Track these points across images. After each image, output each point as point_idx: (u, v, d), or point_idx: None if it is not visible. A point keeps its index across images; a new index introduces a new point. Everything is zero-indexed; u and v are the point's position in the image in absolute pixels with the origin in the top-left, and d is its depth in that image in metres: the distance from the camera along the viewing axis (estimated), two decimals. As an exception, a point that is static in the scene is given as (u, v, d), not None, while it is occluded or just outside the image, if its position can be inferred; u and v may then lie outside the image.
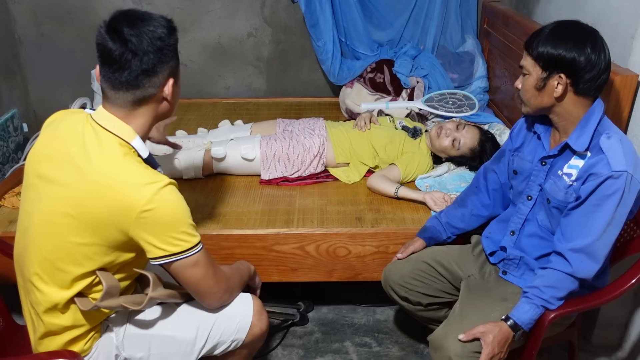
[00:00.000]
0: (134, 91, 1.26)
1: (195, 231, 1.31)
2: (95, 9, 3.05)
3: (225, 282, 1.41)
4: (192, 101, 3.23)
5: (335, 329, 2.19)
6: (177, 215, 1.26)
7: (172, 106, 1.35)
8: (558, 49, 1.40)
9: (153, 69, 1.25)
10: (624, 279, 1.52)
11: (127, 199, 1.21)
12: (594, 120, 1.46)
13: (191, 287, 1.35)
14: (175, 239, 1.26)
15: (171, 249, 1.26)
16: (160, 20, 1.27)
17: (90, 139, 1.27)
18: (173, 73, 1.30)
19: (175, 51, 1.30)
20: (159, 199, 1.22)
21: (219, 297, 1.40)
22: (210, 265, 1.35)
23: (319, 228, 1.99)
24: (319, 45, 3.00)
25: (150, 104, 1.30)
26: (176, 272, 1.31)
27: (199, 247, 1.31)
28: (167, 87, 1.29)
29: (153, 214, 1.21)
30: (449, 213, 1.88)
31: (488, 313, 1.54)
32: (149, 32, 1.23)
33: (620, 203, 1.41)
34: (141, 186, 1.21)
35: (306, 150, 2.32)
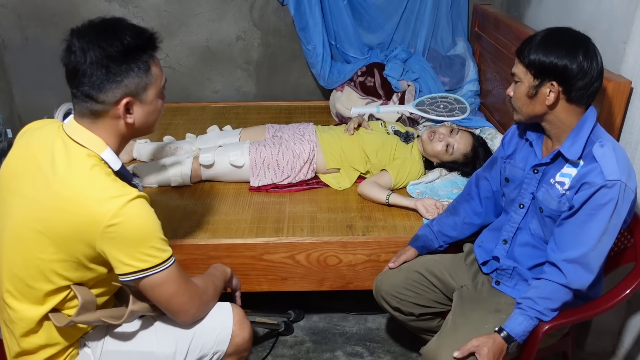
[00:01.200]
0: (85, 104, 1.23)
1: (166, 246, 1.27)
2: (80, 12, 3.00)
3: (198, 298, 1.36)
4: (181, 105, 3.18)
5: (326, 338, 2.16)
6: (145, 230, 1.21)
7: (134, 127, 1.29)
8: (550, 57, 1.38)
9: (99, 85, 1.21)
10: (618, 290, 1.50)
11: (92, 213, 1.17)
12: (586, 128, 1.44)
13: (162, 305, 1.30)
14: (143, 254, 1.21)
15: (139, 265, 1.22)
16: (124, 37, 1.21)
17: (59, 152, 1.24)
18: (132, 93, 1.25)
19: (136, 70, 1.24)
20: (125, 212, 1.18)
21: (193, 314, 1.36)
22: (182, 281, 1.30)
23: (310, 236, 1.96)
24: (309, 48, 2.97)
25: (107, 119, 1.26)
26: (145, 289, 1.26)
27: (170, 263, 1.26)
28: (120, 107, 1.24)
29: (119, 229, 1.18)
30: (440, 221, 1.85)
31: (481, 325, 1.52)
32: (97, 49, 1.18)
33: (614, 212, 1.39)
34: (107, 200, 1.18)
35: (296, 156, 2.29)
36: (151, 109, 1.31)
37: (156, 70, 1.30)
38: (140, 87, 1.26)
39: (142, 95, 1.27)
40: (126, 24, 1.26)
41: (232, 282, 1.63)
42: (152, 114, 1.32)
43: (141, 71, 1.24)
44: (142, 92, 1.26)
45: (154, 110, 1.32)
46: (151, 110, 1.31)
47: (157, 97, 1.32)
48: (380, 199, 2.14)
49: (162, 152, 2.47)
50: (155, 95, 1.31)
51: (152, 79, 1.28)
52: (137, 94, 1.26)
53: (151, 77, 1.27)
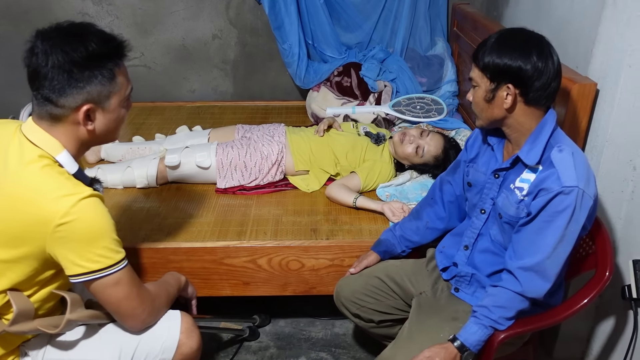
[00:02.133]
0: (44, 107, 1.21)
1: (120, 247, 1.25)
2: (52, 9, 2.95)
3: (150, 303, 1.33)
4: (156, 104, 3.14)
5: (291, 344, 2.12)
6: (97, 230, 1.19)
7: (95, 134, 1.27)
8: (503, 59, 1.34)
9: (61, 89, 1.18)
10: (576, 299, 1.46)
11: (42, 212, 1.15)
12: (545, 132, 1.40)
13: (112, 308, 1.28)
14: (95, 254, 1.19)
15: (90, 266, 1.19)
16: (89, 43, 1.19)
17: (13, 151, 1.22)
18: (94, 100, 1.22)
19: (99, 78, 1.21)
20: (77, 211, 1.15)
21: (143, 319, 1.33)
22: (134, 284, 1.27)
23: (271, 241, 1.92)
24: (285, 47, 2.92)
25: (66, 124, 1.23)
26: (96, 291, 1.24)
27: (122, 265, 1.24)
28: (80, 113, 1.21)
29: (70, 228, 1.15)
30: (403, 226, 1.81)
31: (437, 333, 1.48)
32: (60, 53, 1.16)
33: (571, 220, 1.35)
34: (58, 198, 1.15)
35: (264, 157, 2.25)
36: (113, 117, 1.28)
37: (122, 79, 1.27)
38: (103, 95, 1.23)
39: (105, 103, 1.25)
40: (94, 30, 1.23)
41: (187, 290, 1.60)
42: (114, 122, 1.30)
43: (105, 79, 1.22)
44: (105, 100, 1.24)
45: (117, 119, 1.30)
46: (113, 119, 1.29)
47: (121, 106, 1.30)
48: (348, 202, 2.10)
49: (130, 152, 2.42)
50: (119, 104, 1.28)
51: (117, 87, 1.25)
52: (99, 101, 1.24)
53: (116, 85, 1.25)
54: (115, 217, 2.02)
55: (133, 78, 1.27)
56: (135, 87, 3.29)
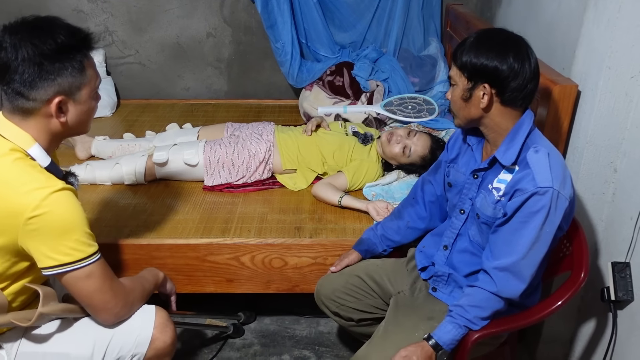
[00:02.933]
0: (15, 101, 1.22)
1: (92, 240, 1.26)
2: (48, 7, 2.98)
3: (123, 297, 1.33)
4: (150, 102, 3.15)
5: (275, 341, 2.13)
6: (69, 223, 1.20)
7: (67, 126, 1.29)
8: (480, 58, 1.34)
9: (32, 82, 1.20)
10: (551, 300, 1.47)
11: (13, 205, 1.17)
12: (522, 132, 1.40)
13: (84, 301, 1.29)
14: (67, 247, 1.20)
15: (62, 259, 1.20)
16: (58, 35, 1.20)
17: None
18: (65, 92, 1.24)
19: (70, 69, 1.23)
20: (49, 204, 1.17)
21: (116, 313, 1.33)
22: (106, 277, 1.28)
23: (254, 238, 1.93)
24: (277, 46, 2.93)
25: (37, 117, 1.25)
26: (68, 284, 1.25)
27: (95, 258, 1.25)
28: (52, 105, 1.23)
29: (42, 220, 1.17)
30: (385, 225, 1.81)
31: (412, 332, 1.48)
32: (30, 46, 1.17)
33: (546, 221, 1.35)
34: (30, 191, 1.17)
35: (251, 155, 2.25)
36: (85, 109, 1.31)
37: (91, 70, 1.29)
38: (74, 87, 1.25)
39: (76, 95, 1.27)
40: (61, 23, 1.25)
41: (166, 286, 1.61)
42: (85, 114, 1.32)
43: (75, 70, 1.24)
44: (75, 91, 1.26)
45: (88, 110, 1.32)
46: (84, 110, 1.31)
47: (91, 97, 1.32)
48: (333, 200, 2.11)
49: (120, 149, 2.44)
50: (89, 96, 1.30)
51: (86, 79, 1.28)
52: (70, 93, 1.25)
53: (85, 77, 1.27)
54: (102, 213, 2.07)
55: (128, 76, 1.28)
56: (130, 84, 3.34)
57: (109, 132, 2.65)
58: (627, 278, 1.61)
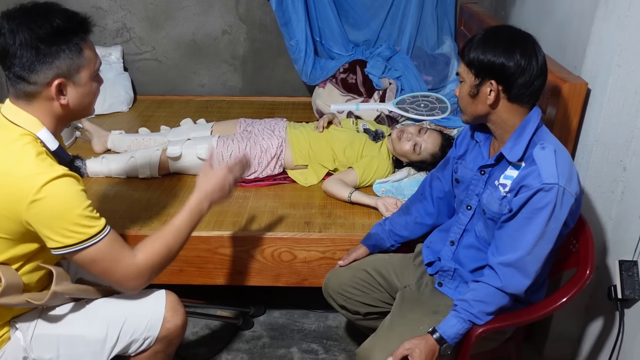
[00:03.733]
0: (18, 85, 1.26)
1: (94, 222, 1.27)
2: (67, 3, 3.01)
3: (135, 273, 1.33)
4: (166, 98, 3.20)
5: (283, 334, 2.16)
6: (66, 207, 1.23)
7: (69, 108, 1.32)
8: (487, 55, 1.36)
9: (31, 66, 1.23)
10: (556, 296, 1.47)
11: (17, 189, 1.21)
12: (529, 129, 1.41)
13: (98, 276, 1.34)
14: (67, 230, 1.24)
15: (64, 241, 1.24)
16: (53, 19, 1.23)
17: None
18: (63, 74, 1.27)
19: (67, 52, 1.26)
20: (49, 189, 1.21)
21: (133, 286, 1.36)
22: (113, 257, 1.30)
23: (264, 232, 1.96)
24: (291, 44, 2.95)
25: (40, 100, 1.29)
26: (80, 264, 1.30)
27: (99, 238, 1.27)
28: (52, 88, 1.27)
29: (42, 204, 1.21)
30: (393, 220, 1.83)
31: (417, 326, 1.50)
32: (26, 30, 1.21)
33: (551, 217, 1.36)
34: (32, 176, 1.21)
35: (263, 151, 2.28)
36: (85, 91, 1.34)
37: (89, 52, 1.32)
38: (72, 69, 1.28)
39: (75, 77, 1.30)
40: (57, 8, 1.28)
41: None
42: (86, 96, 1.35)
43: (73, 53, 1.27)
44: (74, 73, 1.29)
45: (89, 93, 1.35)
46: (86, 92, 1.34)
47: (92, 79, 1.35)
48: (343, 196, 2.13)
49: (135, 143, 2.48)
50: (89, 78, 1.33)
51: (85, 61, 1.30)
52: (69, 75, 1.29)
53: (83, 59, 1.30)
54: (116, 205, 2.12)
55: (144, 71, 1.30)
56: (146, 80, 3.38)
57: (124, 127, 2.70)
58: (634, 276, 1.61)
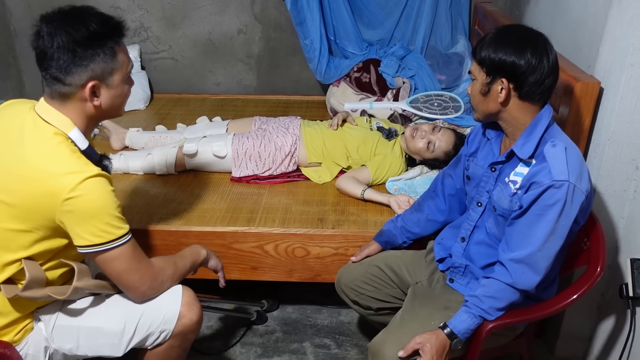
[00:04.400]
0: (53, 86, 1.30)
1: (122, 224, 1.32)
2: (87, 3, 3.08)
3: (150, 278, 1.40)
4: (182, 96, 3.25)
5: (296, 329, 2.19)
6: (99, 207, 1.27)
7: (101, 109, 1.36)
8: (498, 53, 1.37)
9: (67, 68, 1.28)
10: (567, 293, 1.48)
11: (52, 187, 1.25)
12: (540, 126, 1.43)
13: (114, 279, 1.37)
14: (98, 229, 1.28)
15: (93, 239, 1.28)
16: (90, 23, 1.28)
17: (29, 129, 1.32)
18: (97, 77, 1.31)
19: (102, 55, 1.30)
20: (83, 188, 1.25)
21: (142, 292, 1.41)
22: (134, 259, 1.35)
23: (278, 228, 1.99)
24: (306, 43, 2.98)
25: (74, 101, 1.33)
26: (99, 263, 1.33)
27: (123, 240, 1.32)
28: (86, 90, 1.31)
29: (76, 202, 1.25)
30: (405, 217, 1.85)
31: (428, 321, 1.52)
32: (64, 34, 1.25)
33: (562, 214, 1.37)
34: (66, 175, 1.25)
35: (278, 148, 2.32)
36: (117, 93, 1.38)
37: (122, 56, 1.36)
38: (106, 72, 1.33)
39: (108, 80, 1.34)
40: (93, 12, 1.33)
41: (210, 262, 1.65)
42: (118, 97, 1.39)
43: (107, 56, 1.31)
44: (108, 76, 1.34)
45: (120, 95, 1.40)
46: (117, 94, 1.38)
47: (123, 82, 1.39)
48: (356, 193, 2.15)
49: (153, 141, 2.53)
50: (121, 80, 1.38)
51: (118, 64, 1.35)
52: (103, 78, 1.33)
53: (117, 62, 1.34)
54: (134, 201, 2.17)
55: (161, 70, 1.34)
56: (163, 79, 3.44)
57: (142, 124, 2.75)
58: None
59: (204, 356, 2.04)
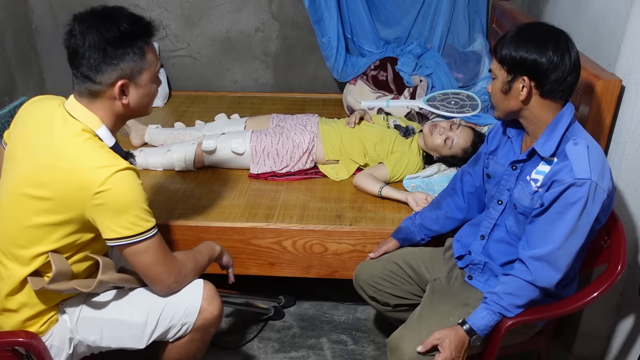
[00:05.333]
0: (83, 84, 1.33)
1: (150, 217, 1.36)
2: (107, 1, 3.12)
3: (175, 271, 1.43)
4: (200, 94, 3.28)
5: (313, 325, 2.20)
6: (129, 199, 1.30)
7: (129, 108, 1.39)
8: (520, 52, 1.37)
9: (97, 67, 1.30)
10: (587, 291, 1.48)
11: (82, 180, 1.28)
12: (562, 125, 1.43)
13: (141, 272, 1.40)
14: (127, 222, 1.31)
15: (123, 232, 1.31)
16: (121, 23, 1.31)
17: (58, 125, 1.35)
18: (127, 76, 1.34)
19: (131, 55, 1.33)
20: (113, 181, 1.28)
21: (168, 285, 1.43)
22: (161, 252, 1.38)
23: (297, 224, 2.00)
24: (323, 41, 3.00)
25: (103, 99, 1.35)
26: (127, 256, 1.36)
27: (152, 233, 1.35)
28: (115, 88, 1.33)
29: (106, 196, 1.27)
30: (423, 215, 1.86)
31: (447, 317, 1.52)
32: (95, 33, 1.28)
33: (583, 212, 1.37)
34: (96, 169, 1.28)
35: (295, 146, 2.33)
36: (145, 92, 1.41)
37: (151, 56, 1.39)
38: (135, 71, 1.36)
39: (137, 79, 1.37)
40: (125, 12, 1.36)
41: (222, 259, 1.69)
42: (146, 96, 1.42)
43: (136, 56, 1.34)
44: (137, 75, 1.37)
45: (148, 94, 1.43)
46: (145, 93, 1.41)
47: (152, 81, 1.42)
48: (374, 191, 2.16)
49: (172, 137, 2.56)
50: (150, 80, 1.41)
51: (147, 64, 1.38)
52: (132, 77, 1.36)
53: (146, 62, 1.37)
54: (154, 196, 2.19)
55: (179, 68, 1.37)
56: (181, 76, 3.47)
57: (161, 121, 2.78)
58: (666, 274, 1.61)
59: (222, 350, 2.06)
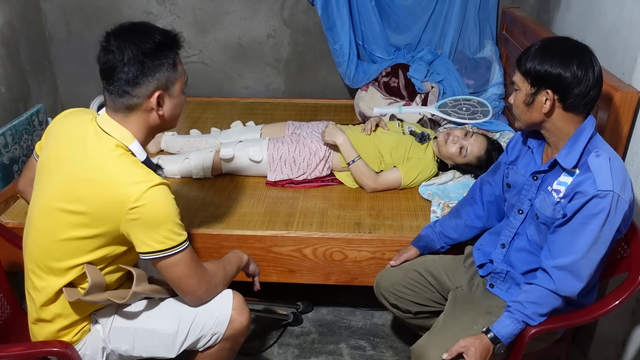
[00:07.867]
0: (120, 99, 1.36)
1: (182, 230, 1.38)
2: (120, 9, 3.16)
3: (206, 282, 1.46)
4: (212, 100, 3.31)
5: (332, 331, 2.23)
6: (163, 214, 1.33)
7: (164, 119, 1.42)
8: (544, 65, 1.40)
9: (135, 80, 1.33)
10: (608, 300, 1.51)
11: (118, 196, 1.30)
12: (584, 137, 1.46)
13: (173, 284, 1.43)
14: (161, 236, 1.33)
15: (156, 246, 1.34)
16: (154, 36, 1.35)
17: (91, 140, 1.38)
18: (162, 87, 1.38)
19: (166, 66, 1.37)
20: (147, 197, 1.30)
21: (199, 296, 1.46)
22: (193, 264, 1.41)
23: (317, 232, 2.03)
24: (336, 48, 3.03)
25: (139, 112, 1.38)
26: (160, 269, 1.39)
27: (184, 246, 1.38)
28: (152, 99, 1.36)
29: (141, 211, 1.30)
30: (443, 223, 1.89)
31: (470, 326, 1.55)
32: (133, 46, 1.31)
33: (606, 223, 1.40)
34: (132, 184, 1.31)
35: (312, 153, 2.36)
36: (177, 102, 1.45)
37: (181, 67, 1.44)
38: (169, 82, 1.40)
39: (171, 89, 1.41)
40: (153, 26, 1.40)
41: (250, 267, 1.73)
42: (178, 107, 1.46)
43: (170, 66, 1.39)
44: (170, 86, 1.41)
45: (179, 104, 1.47)
46: (177, 104, 1.45)
47: (182, 91, 1.46)
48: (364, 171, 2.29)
49: (188, 144, 2.59)
50: (181, 90, 1.45)
51: (178, 74, 1.42)
52: (166, 87, 1.40)
53: (177, 72, 1.42)
54: (173, 205, 2.21)
55: (191, 74, 1.41)
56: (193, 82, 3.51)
57: (176, 128, 2.80)
58: (683, 282, 1.64)
59: (243, 356, 2.09)
